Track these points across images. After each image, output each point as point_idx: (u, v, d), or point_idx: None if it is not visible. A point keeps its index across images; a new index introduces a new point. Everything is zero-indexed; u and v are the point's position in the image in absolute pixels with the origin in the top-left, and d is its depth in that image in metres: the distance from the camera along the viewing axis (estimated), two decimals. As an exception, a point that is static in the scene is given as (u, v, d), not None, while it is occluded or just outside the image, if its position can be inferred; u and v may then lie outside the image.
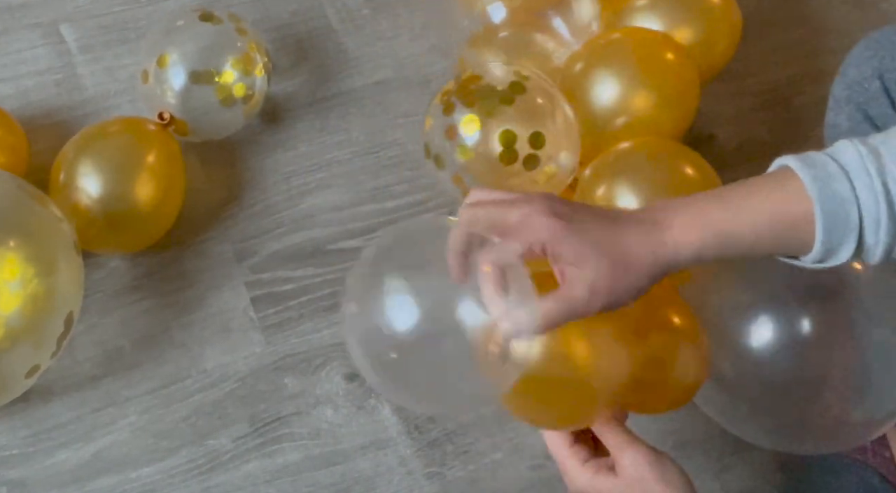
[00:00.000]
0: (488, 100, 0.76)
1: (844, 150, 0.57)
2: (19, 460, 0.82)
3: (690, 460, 0.91)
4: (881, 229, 0.56)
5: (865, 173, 0.55)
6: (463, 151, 0.77)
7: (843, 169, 0.56)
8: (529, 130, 0.75)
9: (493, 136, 0.76)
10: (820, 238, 0.56)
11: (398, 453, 0.88)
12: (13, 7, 0.98)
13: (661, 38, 0.81)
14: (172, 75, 0.87)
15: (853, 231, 0.56)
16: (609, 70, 0.79)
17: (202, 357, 0.88)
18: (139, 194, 0.84)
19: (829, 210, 0.56)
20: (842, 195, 0.55)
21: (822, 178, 0.56)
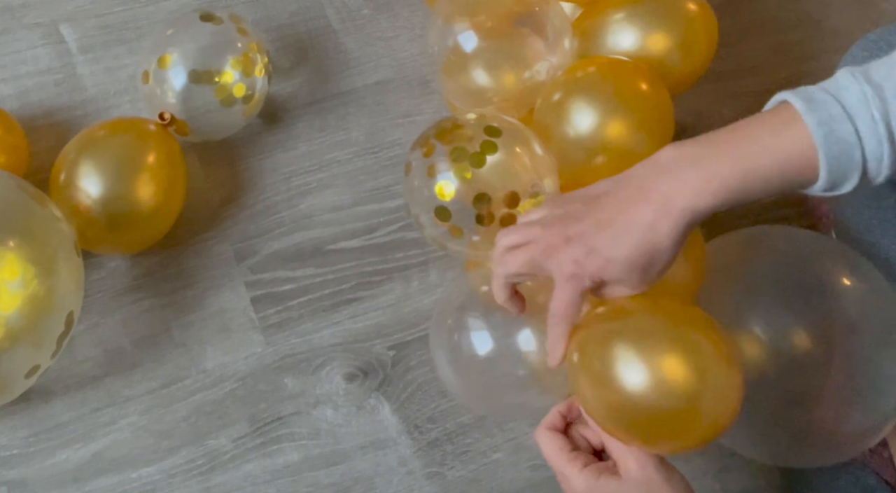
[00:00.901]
0: (461, 163, 0.76)
1: (848, 89, 0.57)
2: (19, 460, 0.82)
3: (690, 460, 0.91)
4: (883, 165, 0.57)
5: (870, 117, 0.56)
6: (439, 216, 0.77)
7: (846, 112, 0.57)
8: (504, 190, 0.75)
9: (468, 197, 0.76)
10: (824, 177, 0.58)
11: (398, 453, 0.88)
12: (13, 7, 0.98)
13: (635, 68, 0.82)
14: (173, 76, 0.87)
15: (856, 169, 0.57)
16: (585, 102, 0.80)
17: (202, 357, 0.88)
18: (140, 195, 0.83)
19: (834, 154, 0.57)
20: (846, 139, 0.56)
21: (826, 121, 0.57)
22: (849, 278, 0.72)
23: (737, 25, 1.02)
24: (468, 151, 0.76)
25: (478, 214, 0.76)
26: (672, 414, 0.59)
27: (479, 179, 0.76)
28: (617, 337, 0.61)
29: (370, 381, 0.90)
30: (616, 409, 0.61)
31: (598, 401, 0.62)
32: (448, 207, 0.76)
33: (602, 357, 0.61)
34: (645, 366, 0.59)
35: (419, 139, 0.81)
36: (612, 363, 0.60)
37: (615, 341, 0.61)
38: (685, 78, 0.86)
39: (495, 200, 0.75)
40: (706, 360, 0.60)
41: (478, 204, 0.75)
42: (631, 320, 0.62)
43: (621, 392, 0.59)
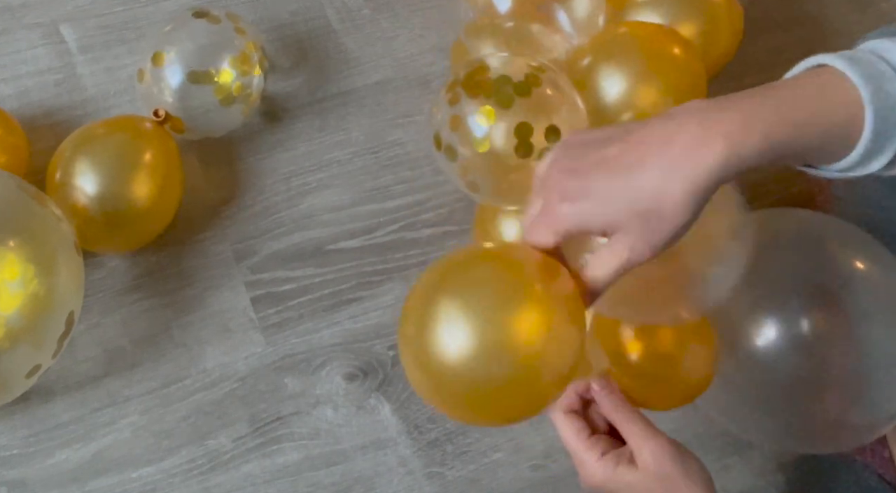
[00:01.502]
0: (504, 91, 0.73)
1: (890, 50, 0.54)
2: (19, 460, 0.82)
3: (690, 460, 0.91)
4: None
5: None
6: (477, 142, 0.74)
7: (893, 69, 0.54)
8: (545, 123, 0.73)
9: (508, 128, 0.73)
10: (867, 138, 0.54)
11: (398, 453, 0.88)
12: (13, 7, 0.98)
13: (668, 33, 0.81)
14: (169, 74, 0.87)
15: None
16: (616, 64, 0.78)
17: (202, 357, 0.88)
18: (136, 192, 0.83)
19: (882, 113, 0.53)
20: (894, 96, 0.53)
21: (874, 77, 0.53)
22: (861, 263, 0.72)
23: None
24: (512, 79, 0.74)
25: (517, 144, 0.72)
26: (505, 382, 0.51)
27: (521, 108, 0.72)
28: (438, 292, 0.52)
29: (370, 381, 0.90)
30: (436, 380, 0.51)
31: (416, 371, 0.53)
32: (490, 132, 0.72)
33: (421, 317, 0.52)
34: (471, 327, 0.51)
35: (453, 79, 0.78)
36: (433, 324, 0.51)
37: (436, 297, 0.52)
38: (710, 66, 0.85)
39: (536, 132, 0.72)
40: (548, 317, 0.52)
41: (519, 133, 0.72)
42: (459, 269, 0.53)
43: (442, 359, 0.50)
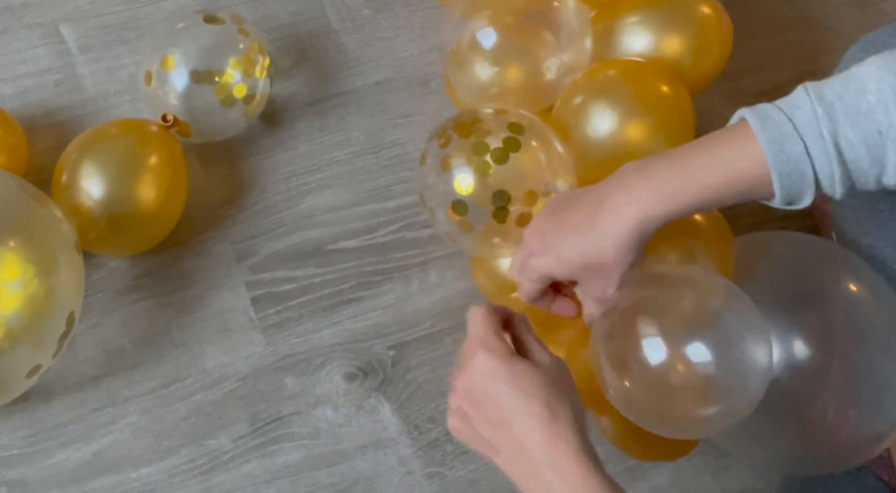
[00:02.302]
0: (482, 158, 0.75)
1: (800, 106, 0.60)
2: (19, 460, 0.82)
3: (690, 460, 0.91)
4: (836, 182, 0.59)
5: (819, 135, 0.58)
6: (456, 210, 0.76)
7: (796, 130, 0.59)
8: (524, 189, 0.75)
9: (487, 193, 0.75)
10: (778, 194, 0.60)
11: (398, 453, 0.88)
12: (13, 7, 0.98)
13: (657, 70, 0.83)
14: (175, 77, 0.87)
15: (809, 185, 0.60)
16: (607, 103, 0.80)
17: (202, 357, 0.88)
18: (141, 197, 0.83)
19: (785, 172, 0.59)
20: (796, 157, 0.59)
21: (777, 140, 0.59)
22: (852, 284, 0.72)
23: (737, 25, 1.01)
24: (490, 146, 0.75)
25: (495, 209, 0.75)
26: None
27: (498, 175, 0.75)
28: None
29: (370, 381, 0.90)
30: None
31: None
32: (465, 201, 0.75)
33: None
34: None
35: (437, 130, 0.79)
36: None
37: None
38: (699, 80, 0.86)
39: (514, 198, 0.75)
40: None
41: (497, 200, 0.75)
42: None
43: None
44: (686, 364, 0.63)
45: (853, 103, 0.58)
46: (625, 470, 0.90)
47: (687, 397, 0.64)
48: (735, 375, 0.64)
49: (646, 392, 0.65)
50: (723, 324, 0.64)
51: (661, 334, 0.64)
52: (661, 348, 0.64)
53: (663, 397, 0.65)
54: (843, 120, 0.58)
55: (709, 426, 0.66)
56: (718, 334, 0.64)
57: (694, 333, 0.64)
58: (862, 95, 0.58)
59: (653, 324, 0.65)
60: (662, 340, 0.64)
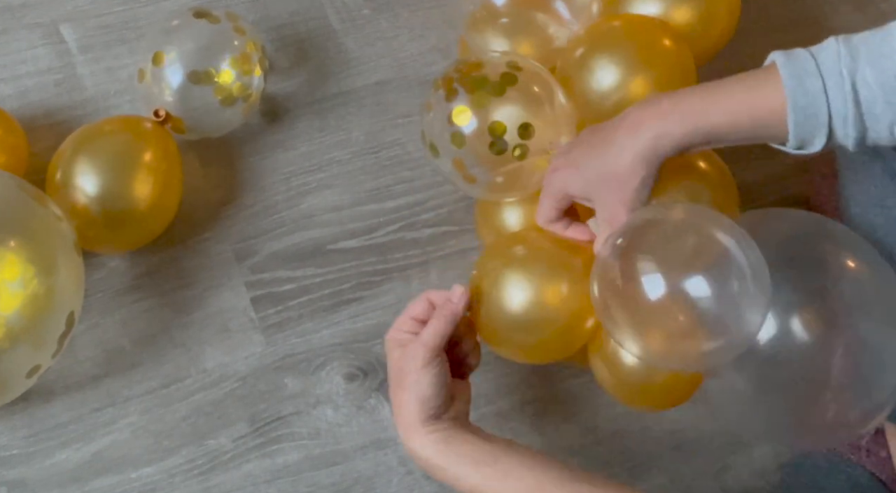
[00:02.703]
0: (479, 91, 0.77)
1: (827, 48, 0.62)
2: (19, 460, 0.82)
3: (690, 460, 0.91)
4: (848, 125, 0.60)
5: (838, 73, 0.60)
6: (455, 139, 0.79)
7: (818, 67, 0.61)
8: (519, 120, 0.77)
9: (484, 126, 0.78)
10: (792, 130, 0.62)
11: (398, 453, 0.88)
12: (13, 7, 0.98)
13: (659, 25, 0.84)
14: (170, 74, 0.87)
15: (823, 126, 0.61)
16: (608, 56, 0.82)
17: (202, 357, 0.88)
18: (136, 192, 0.83)
19: (800, 106, 0.61)
20: (813, 93, 0.60)
21: (798, 74, 0.61)
22: (851, 260, 0.73)
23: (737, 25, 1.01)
24: (489, 79, 0.78)
25: (491, 141, 0.77)
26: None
27: (497, 109, 0.77)
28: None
29: (370, 381, 0.90)
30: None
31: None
32: (463, 131, 0.78)
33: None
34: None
35: (441, 76, 0.82)
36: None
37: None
38: (706, 50, 0.87)
39: (510, 130, 0.77)
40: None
41: (493, 132, 0.77)
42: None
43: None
44: (684, 299, 0.64)
45: (877, 46, 0.60)
46: (625, 470, 0.90)
47: (683, 332, 0.65)
48: (733, 312, 0.65)
49: (641, 324, 0.66)
50: (726, 261, 0.65)
51: (659, 270, 0.64)
52: (660, 284, 0.64)
53: (659, 330, 0.66)
54: (865, 60, 0.59)
55: (705, 361, 0.67)
56: (719, 271, 0.64)
57: (695, 268, 0.64)
58: (886, 39, 0.60)
59: (652, 259, 0.65)
60: (661, 276, 0.64)
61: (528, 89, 0.79)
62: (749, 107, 0.63)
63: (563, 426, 0.91)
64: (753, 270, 0.65)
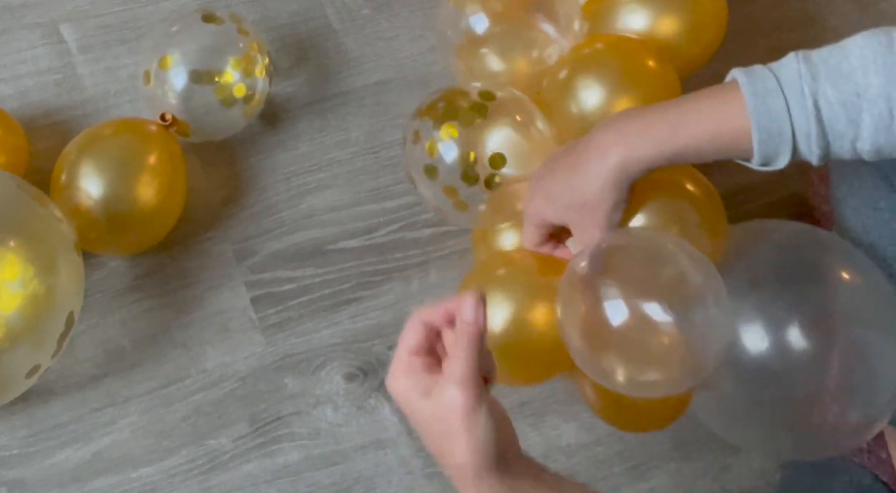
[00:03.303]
0: (448, 122, 0.78)
1: (787, 65, 0.63)
2: (19, 460, 0.82)
3: (690, 460, 0.91)
4: (812, 142, 0.62)
5: (800, 92, 0.61)
6: (428, 171, 0.79)
7: (780, 85, 0.62)
8: (490, 151, 0.78)
9: (455, 157, 0.78)
10: (756, 148, 0.63)
11: (398, 453, 0.88)
12: (13, 7, 0.98)
13: (642, 46, 0.84)
14: (174, 76, 0.87)
15: (787, 143, 0.62)
16: (592, 78, 0.81)
17: (202, 357, 0.88)
18: (141, 196, 0.83)
19: (764, 125, 0.62)
20: (776, 112, 0.61)
21: (760, 93, 0.62)
22: (846, 270, 0.73)
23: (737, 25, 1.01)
24: (461, 108, 0.79)
25: (462, 171, 0.78)
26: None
27: (470, 139, 0.78)
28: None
29: (370, 381, 0.90)
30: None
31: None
32: (435, 164, 0.78)
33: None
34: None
35: (415, 109, 0.83)
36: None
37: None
38: (693, 61, 0.87)
39: (479, 160, 0.77)
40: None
41: (462, 162, 0.78)
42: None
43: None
44: (647, 325, 0.64)
45: (836, 65, 0.61)
46: (625, 471, 0.90)
47: (644, 359, 0.65)
48: (696, 339, 0.65)
49: (602, 349, 0.66)
50: (688, 289, 0.65)
51: (621, 295, 0.64)
52: (623, 310, 0.64)
53: (619, 355, 0.66)
54: (825, 79, 0.61)
55: (666, 388, 0.68)
56: (682, 298, 0.65)
57: (658, 295, 0.64)
58: (845, 58, 0.61)
59: (615, 285, 0.65)
60: (623, 302, 0.64)
61: (500, 118, 0.79)
62: (713, 128, 0.64)
63: (563, 426, 0.91)
64: (716, 296, 0.65)
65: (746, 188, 0.89)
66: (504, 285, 0.74)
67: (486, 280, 0.76)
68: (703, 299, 0.65)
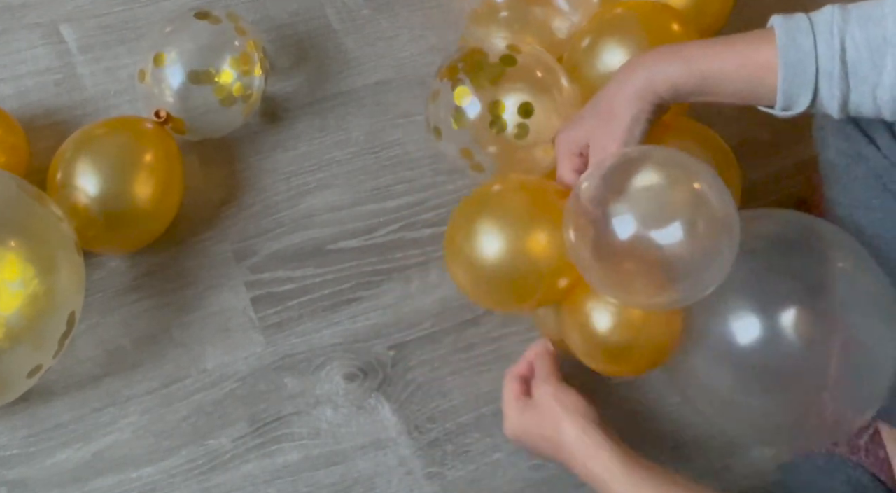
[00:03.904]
0: (479, 72, 0.81)
1: (823, 10, 0.64)
2: (19, 460, 0.82)
3: (690, 460, 0.91)
4: (833, 83, 0.63)
5: (829, 32, 0.63)
6: (456, 120, 0.81)
7: (811, 26, 0.63)
8: (519, 100, 0.80)
9: (485, 107, 0.81)
10: (780, 86, 0.64)
11: (398, 453, 0.88)
12: (13, 7, 0.98)
13: (665, 9, 0.85)
14: (170, 74, 0.87)
15: (810, 82, 0.63)
16: (616, 40, 0.84)
17: (202, 357, 0.88)
18: (137, 193, 0.83)
19: (791, 61, 0.63)
20: (804, 48, 0.63)
21: (791, 32, 0.64)
22: (843, 259, 0.73)
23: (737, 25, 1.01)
24: (488, 61, 0.81)
25: (491, 120, 0.81)
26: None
27: (497, 89, 0.81)
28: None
29: (370, 381, 0.90)
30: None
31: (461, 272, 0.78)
32: (465, 111, 0.81)
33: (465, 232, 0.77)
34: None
35: (445, 63, 0.85)
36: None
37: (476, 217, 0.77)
38: (702, 31, 0.88)
39: (509, 109, 0.80)
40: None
41: (493, 111, 0.81)
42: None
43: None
44: (652, 242, 0.65)
45: (868, 10, 0.62)
46: (625, 470, 0.90)
47: (645, 277, 0.67)
48: (700, 256, 0.66)
49: (605, 265, 0.68)
50: (697, 207, 0.66)
51: (631, 213, 0.66)
52: (630, 226, 0.65)
53: (622, 274, 0.68)
54: (855, 21, 0.62)
55: (669, 301, 0.70)
56: (689, 217, 0.65)
57: (666, 213, 0.65)
58: (879, 5, 0.62)
59: (623, 201, 0.66)
60: (633, 218, 0.66)
61: (528, 71, 0.82)
62: (743, 59, 0.66)
63: (563, 425, 0.91)
64: (725, 215, 0.66)
65: (746, 190, 0.89)
66: (494, 210, 0.77)
67: (477, 205, 0.79)
68: (712, 217, 0.66)
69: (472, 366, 0.91)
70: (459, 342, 0.92)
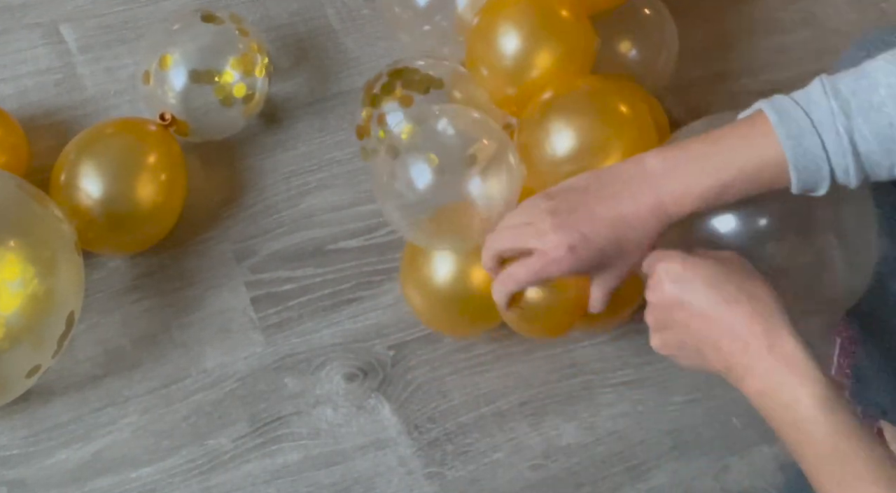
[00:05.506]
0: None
1: (818, 104, 0.62)
2: (19, 460, 0.82)
3: (690, 460, 0.91)
4: (850, 175, 0.63)
5: (835, 132, 0.61)
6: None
7: (814, 126, 0.62)
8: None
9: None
10: (794, 184, 0.64)
11: (398, 453, 0.88)
12: (13, 7, 0.98)
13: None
14: (174, 76, 0.87)
15: (825, 178, 0.63)
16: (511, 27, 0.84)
17: (202, 357, 0.88)
18: (140, 195, 0.84)
19: (802, 165, 0.63)
20: (813, 152, 0.62)
21: (795, 135, 0.62)
22: None
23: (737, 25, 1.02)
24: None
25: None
26: None
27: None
28: None
29: (370, 381, 0.90)
30: None
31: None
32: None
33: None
34: None
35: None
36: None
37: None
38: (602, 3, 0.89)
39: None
40: None
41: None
42: None
43: None
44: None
45: (866, 98, 0.61)
46: (625, 470, 0.90)
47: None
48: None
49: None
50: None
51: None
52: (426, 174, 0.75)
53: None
54: (857, 115, 0.61)
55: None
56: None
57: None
58: (874, 89, 0.61)
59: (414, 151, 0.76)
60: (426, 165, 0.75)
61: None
62: (749, 174, 0.64)
63: (563, 426, 0.91)
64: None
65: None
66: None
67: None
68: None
69: (472, 366, 0.91)
70: (459, 342, 0.92)
